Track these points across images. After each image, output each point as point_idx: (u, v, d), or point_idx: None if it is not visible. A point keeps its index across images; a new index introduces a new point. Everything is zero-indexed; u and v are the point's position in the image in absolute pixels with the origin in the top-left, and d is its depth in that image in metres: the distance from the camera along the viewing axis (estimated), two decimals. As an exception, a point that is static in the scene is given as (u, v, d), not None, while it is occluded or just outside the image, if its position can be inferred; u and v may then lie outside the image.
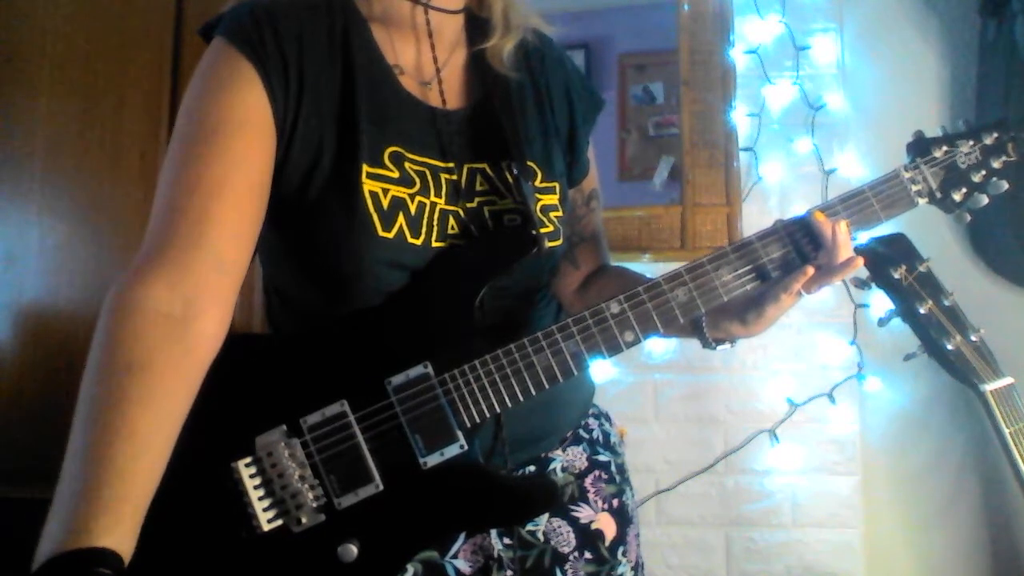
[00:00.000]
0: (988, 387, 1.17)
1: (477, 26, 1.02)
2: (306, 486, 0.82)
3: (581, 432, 1.03)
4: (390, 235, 0.87)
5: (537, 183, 0.97)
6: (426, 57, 0.98)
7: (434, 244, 0.89)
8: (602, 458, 1.03)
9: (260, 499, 0.82)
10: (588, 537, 0.98)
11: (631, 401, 2.08)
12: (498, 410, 0.85)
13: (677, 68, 2.18)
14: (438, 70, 0.97)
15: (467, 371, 0.85)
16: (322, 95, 0.88)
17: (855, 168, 2.06)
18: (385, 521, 0.83)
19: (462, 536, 0.92)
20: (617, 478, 1.04)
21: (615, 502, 1.02)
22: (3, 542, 1.80)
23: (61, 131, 2.01)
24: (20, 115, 2.02)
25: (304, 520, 0.82)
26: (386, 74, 0.93)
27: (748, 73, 2.14)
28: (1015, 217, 1.90)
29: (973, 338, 1.16)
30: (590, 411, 1.06)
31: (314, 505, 0.82)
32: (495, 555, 0.92)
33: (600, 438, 1.05)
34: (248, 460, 0.82)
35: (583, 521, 0.98)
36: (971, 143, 0.99)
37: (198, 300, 0.79)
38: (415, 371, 0.85)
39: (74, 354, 1.89)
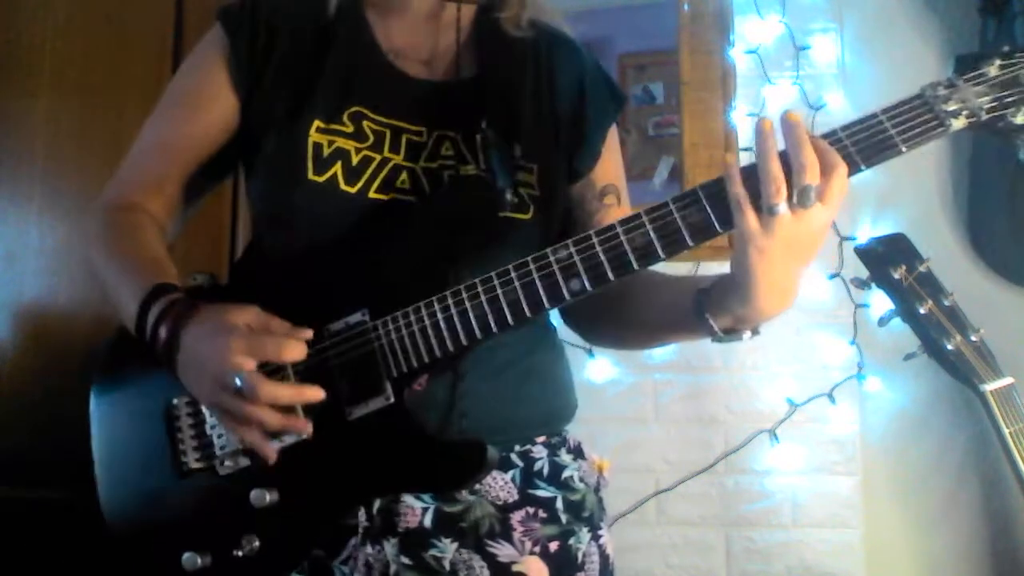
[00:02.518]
0: (988, 387, 1.17)
1: (487, 2, 1.04)
2: None
3: (515, 458, 0.93)
4: (320, 179, 0.90)
5: (515, 158, 0.95)
6: (420, 36, 1.02)
7: (372, 195, 0.90)
8: (541, 493, 0.92)
9: (192, 438, 0.88)
10: None
11: (631, 401, 2.07)
12: (427, 359, 0.81)
13: (677, 68, 2.18)
14: (434, 51, 1.01)
15: (399, 318, 0.82)
16: (290, 63, 0.97)
17: (855, 168, 2.05)
18: (305, 471, 0.83)
19: (353, 541, 0.87)
20: (564, 518, 0.92)
21: (552, 545, 0.90)
22: (3, 542, 1.80)
23: (61, 131, 2.01)
24: (20, 115, 2.02)
25: (228, 463, 0.86)
26: (368, 47, 0.99)
27: (748, 73, 2.14)
28: (1014, 217, 1.90)
29: (973, 338, 1.16)
30: (545, 437, 0.96)
31: (238, 448, 0.85)
32: (391, 572, 0.86)
33: (545, 470, 0.94)
34: (188, 399, 0.88)
35: (501, 559, 0.88)
36: None
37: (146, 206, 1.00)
38: (353, 318, 0.84)
39: (74, 354, 1.88)
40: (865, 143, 0.73)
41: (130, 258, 0.92)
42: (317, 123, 0.92)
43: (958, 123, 0.73)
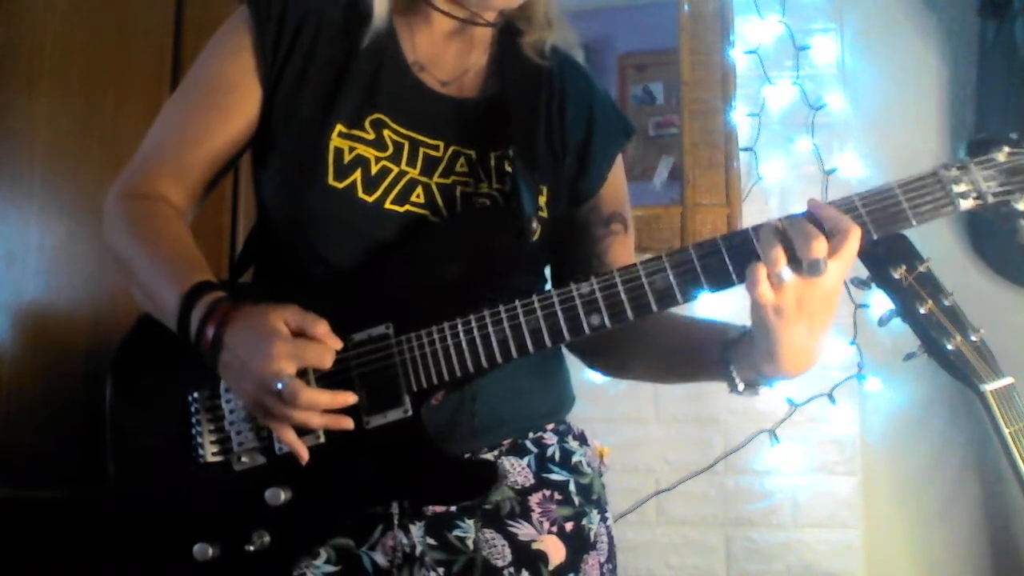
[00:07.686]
0: (988, 387, 1.17)
1: (511, 21, 1.04)
2: (250, 427, 0.86)
3: (530, 445, 0.98)
4: (339, 185, 0.90)
5: (536, 184, 0.97)
6: (444, 50, 1.02)
7: (388, 205, 0.91)
8: (555, 477, 0.97)
9: (210, 432, 0.88)
10: (527, 556, 0.92)
11: (631, 401, 2.07)
12: (447, 378, 0.84)
13: (677, 68, 2.18)
14: (457, 67, 1.01)
15: (423, 335, 0.85)
16: (316, 59, 0.96)
17: (855, 168, 2.05)
18: (320, 474, 0.85)
19: (380, 527, 0.90)
20: (576, 500, 0.98)
21: (568, 526, 0.96)
22: (3, 542, 1.80)
23: (61, 131, 2.01)
24: (20, 115, 2.01)
25: (244, 459, 0.87)
26: (393, 56, 0.98)
27: (748, 73, 2.14)
28: (1015, 217, 1.90)
29: (973, 338, 1.16)
30: (553, 425, 1.01)
31: (255, 446, 0.86)
32: (416, 553, 0.90)
33: (557, 455, 0.99)
34: (207, 393, 0.89)
35: (521, 538, 0.93)
36: None
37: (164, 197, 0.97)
38: (377, 330, 0.86)
39: (74, 354, 1.88)
40: (879, 214, 0.79)
41: (164, 252, 0.91)
42: (339, 127, 0.92)
43: (967, 204, 0.80)
